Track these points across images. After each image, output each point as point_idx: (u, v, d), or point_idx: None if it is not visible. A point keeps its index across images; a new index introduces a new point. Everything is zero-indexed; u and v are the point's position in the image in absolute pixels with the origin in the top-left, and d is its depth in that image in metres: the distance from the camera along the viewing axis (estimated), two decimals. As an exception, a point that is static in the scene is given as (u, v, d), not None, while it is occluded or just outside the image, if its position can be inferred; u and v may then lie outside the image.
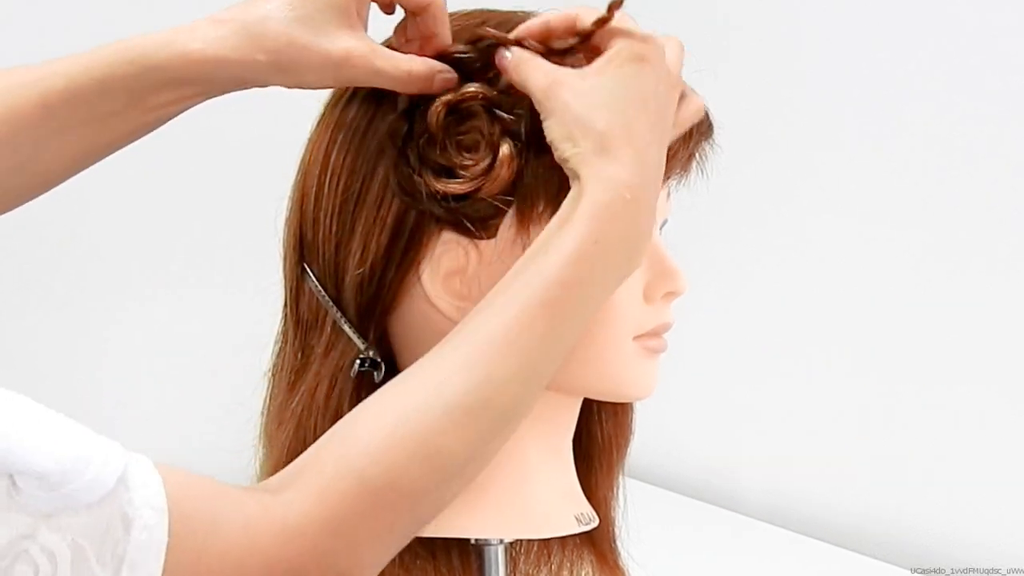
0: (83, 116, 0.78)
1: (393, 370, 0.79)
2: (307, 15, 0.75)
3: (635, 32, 0.74)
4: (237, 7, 0.76)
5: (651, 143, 0.73)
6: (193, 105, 0.80)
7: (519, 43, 0.76)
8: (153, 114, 0.79)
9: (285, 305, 0.84)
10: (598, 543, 0.92)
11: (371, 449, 0.66)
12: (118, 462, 0.59)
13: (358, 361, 0.78)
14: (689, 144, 0.80)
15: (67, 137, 0.79)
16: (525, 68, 0.74)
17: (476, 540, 0.84)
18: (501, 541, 0.84)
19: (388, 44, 0.80)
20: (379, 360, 0.78)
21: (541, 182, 0.76)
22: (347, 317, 0.79)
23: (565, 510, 0.83)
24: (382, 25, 0.81)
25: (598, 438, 0.90)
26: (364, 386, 0.78)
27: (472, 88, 0.76)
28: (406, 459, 0.66)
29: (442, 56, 0.78)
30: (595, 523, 0.84)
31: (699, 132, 0.81)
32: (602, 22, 0.75)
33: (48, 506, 0.57)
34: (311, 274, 0.81)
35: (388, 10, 0.80)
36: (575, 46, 0.76)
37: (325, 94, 0.82)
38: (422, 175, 0.76)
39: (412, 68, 0.75)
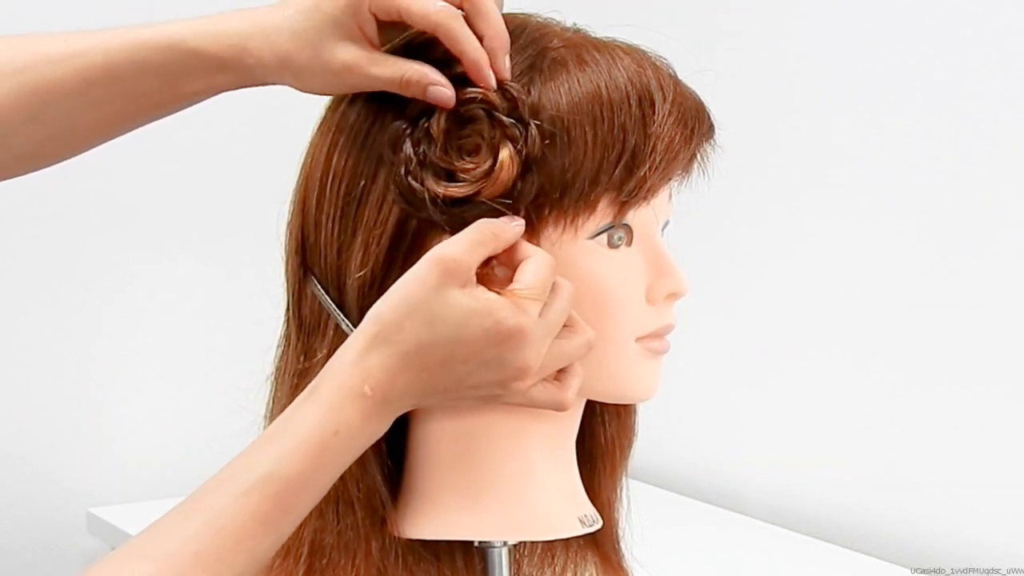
0: (119, 92, 0.81)
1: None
2: (311, 27, 0.77)
3: (532, 300, 0.73)
4: (262, 9, 0.79)
5: (431, 377, 0.73)
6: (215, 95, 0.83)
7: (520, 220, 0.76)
8: (180, 103, 0.82)
9: (287, 308, 0.84)
10: (602, 545, 0.92)
11: None
12: None
13: (361, 365, 0.78)
14: (691, 145, 0.80)
15: (102, 109, 0.82)
16: (483, 232, 0.74)
17: (480, 542, 0.84)
18: (505, 543, 0.84)
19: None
20: (381, 363, 0.78)
21: (542, 185, 0.76)
22: (350, 320, 0.79)
23: (568, 512, 0.82)
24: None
25: (601, 440, 0.90)
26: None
27: (472, 92, 0.76)
28: None
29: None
30: (599, 525, 0.84)
31: (700, 133, 0.81)
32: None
33: None
34: (313, 278, 0.81)
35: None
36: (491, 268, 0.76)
37: (326, 97, 0.83)
38: (423, 179, 0.76)
39: (405, 74, 0.76)
